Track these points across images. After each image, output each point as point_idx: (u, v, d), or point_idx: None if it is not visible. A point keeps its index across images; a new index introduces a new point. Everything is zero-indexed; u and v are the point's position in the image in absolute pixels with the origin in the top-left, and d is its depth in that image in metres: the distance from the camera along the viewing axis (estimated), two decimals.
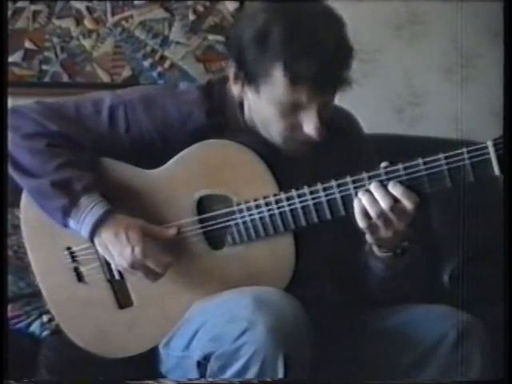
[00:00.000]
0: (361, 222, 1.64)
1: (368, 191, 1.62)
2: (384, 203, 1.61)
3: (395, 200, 1.61)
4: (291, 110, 1.69)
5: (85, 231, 1.73)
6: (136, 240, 1.71)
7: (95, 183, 1.75)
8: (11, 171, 1.76)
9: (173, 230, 1.75)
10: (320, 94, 1.67)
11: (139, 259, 1.70)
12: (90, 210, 1.71)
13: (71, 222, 1.74)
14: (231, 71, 1.74)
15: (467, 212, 1.76)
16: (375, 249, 1.72)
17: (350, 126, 1.90)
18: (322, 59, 1.63)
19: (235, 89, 1.76)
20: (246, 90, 1.74)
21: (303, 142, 1.72)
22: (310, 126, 1.69)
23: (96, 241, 1.73)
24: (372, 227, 1.64)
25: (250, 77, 1.70)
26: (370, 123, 1.96)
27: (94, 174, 1.76)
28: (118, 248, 1.71)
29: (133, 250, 1.70)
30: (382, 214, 1.62)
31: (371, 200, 1.62)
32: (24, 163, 1.76)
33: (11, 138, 1.74)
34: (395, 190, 1.61)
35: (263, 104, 1.71)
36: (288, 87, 1.65)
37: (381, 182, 1.62)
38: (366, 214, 1.63)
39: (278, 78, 1.65)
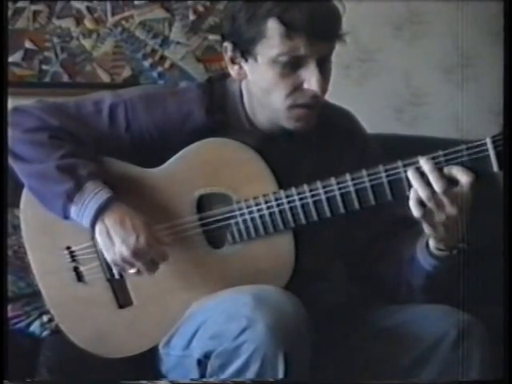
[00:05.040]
0: (415, 211, 1.62)
1: (421, 175, 1.61)
2: (437, 186, 1.59)
3: (448, 183, 1.60)
4: (291, 69, 1.69)
5: (87, 216, 1.71)
6: (142, 228, 1.70)
7: (99, 171, 1.75)
8: (12, 163, 1.77)
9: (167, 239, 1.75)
10: (317, 44, 1.67)
11: (143, 248, 1.70)
12: (94, 194, 1.71)
13: (72, 209, 1.72)
14: (227, 55, 1.75)
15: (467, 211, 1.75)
16: (432, 244, 1.70)
17: (352, 126, 1.91)
18: (312, 8, 1.65)
19: (233, 72, 1.77)
20: (244, 70, 1.75)
21: (307, 105, 1.72)
22: (311, 80, 1.69)
23: (97, 227, 1.71)
24: (426, 214, 1.62)
25: (246, 46, 1.71)
26: (370, 123, 1.96)
27: (97, 163, 1.76)
28: (122, 234, 1.70)
29: (137, 237, 1.69)
30: (434, 197, 1.60)
31: (423, 184, 1.61)
32: (26, 154, 1.76)
33: (12, 134, 1.75)
34: (453, 171, 1.60)
35: (262, 70, 1.71)
36: (284, 39, 1.66)
37: (436, 164, 1.60)
38: (420, 202, 1.61)
39: (273, 32, 1.67)
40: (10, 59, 2.54)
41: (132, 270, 1.74)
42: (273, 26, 1.66)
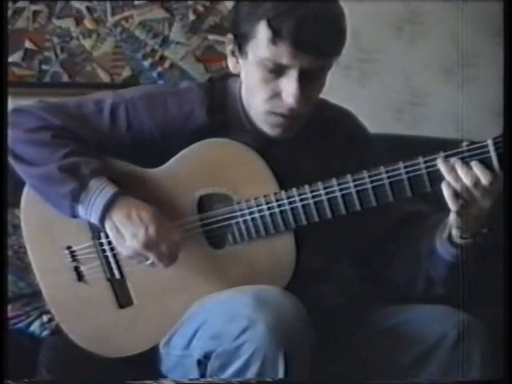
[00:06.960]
0: (453, 205, 1.60)
1: (453, 170, 1.59)
2: (468, 181, 1.58)
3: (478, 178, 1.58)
4: (273, 75, 1.68)
5: (95, 214, 1.71)
6: (149, 220, 1.70)
7: (103, 168, 1.75)
8: (14, 165, 1.77)
9: (177, 236, 1.74)
10: (300, 57, 1.65)
11: (153, 239, 1.69)
12: (99, 192, 1.70)
13: (80, 209, 1.72)
14: (229, 48, 1.76)
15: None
16: (455, 234, 1.68)
17: (353, 126, 1.90)
18: (303, 19, 1.63)
19: (231, 64, 1.77)
20: (240, 65, 1.75)
21: (283, 115, 1.71)
22: (288, 90, 1.67)
23: (106, 224, 1.71)
24: (462, 208, 1.61)
25: (241, 41, 1.71)
26: (370, 123, 1.96)
27: (100, 160, 1.76)
28: (131, 229, 1.69)
29: (146, 229, 1.69)
30: (467, 192, 1.59)
31: (457, 179, 1.59)
32: (28, 155, 1.76)
33: (13, 135, 1.75)
34: (476, 167, 1.58)
35: (251, 69, 1.71)
36: (269, 44, 1.65)
37: (463, 159, 1.59)
38: (456, 195, 1.60)
39: (262, 34, 1.66)
40: (10, 59, 2.54)
41: (148, 262, 1.74)
42: (262, 29, 1.66)
